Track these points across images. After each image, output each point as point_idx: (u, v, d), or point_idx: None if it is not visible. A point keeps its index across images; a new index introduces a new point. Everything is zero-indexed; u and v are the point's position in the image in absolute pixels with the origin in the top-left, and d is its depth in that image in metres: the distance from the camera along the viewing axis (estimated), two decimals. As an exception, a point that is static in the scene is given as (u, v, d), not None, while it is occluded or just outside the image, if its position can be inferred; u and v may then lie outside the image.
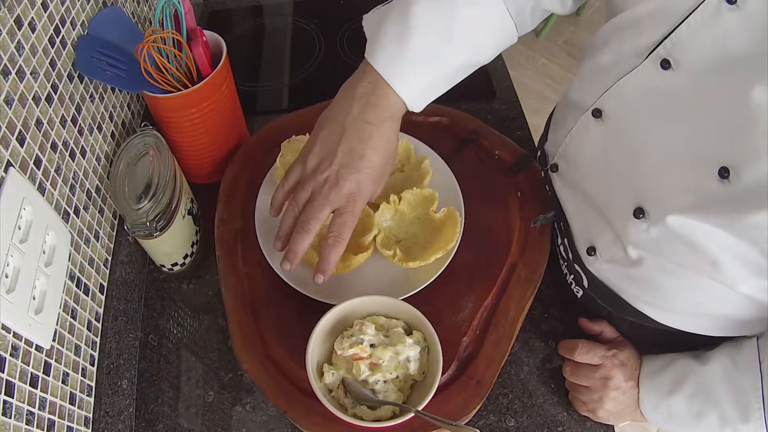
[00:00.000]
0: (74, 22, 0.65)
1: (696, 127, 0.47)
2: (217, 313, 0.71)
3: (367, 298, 0.59)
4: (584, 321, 0.68)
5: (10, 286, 0.48)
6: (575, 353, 0.64)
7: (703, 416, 0.56)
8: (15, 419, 0.46)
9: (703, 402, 0.57)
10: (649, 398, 0.60)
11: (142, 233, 0.65)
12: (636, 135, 0.53)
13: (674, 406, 0.58)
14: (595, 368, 0.63)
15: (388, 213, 0.70)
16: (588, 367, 0.64)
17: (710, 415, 0.56)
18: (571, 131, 0.62)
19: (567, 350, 0.66)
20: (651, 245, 0.54)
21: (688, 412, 0.57)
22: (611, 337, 0.67)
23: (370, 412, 0.55)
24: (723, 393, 0.55)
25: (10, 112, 0.51)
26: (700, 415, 0.57)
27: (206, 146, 0.77)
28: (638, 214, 0.53)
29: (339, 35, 1.06)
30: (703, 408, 0.57)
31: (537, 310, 0.70)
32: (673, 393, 0.58)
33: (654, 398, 0.60)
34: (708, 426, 0.57)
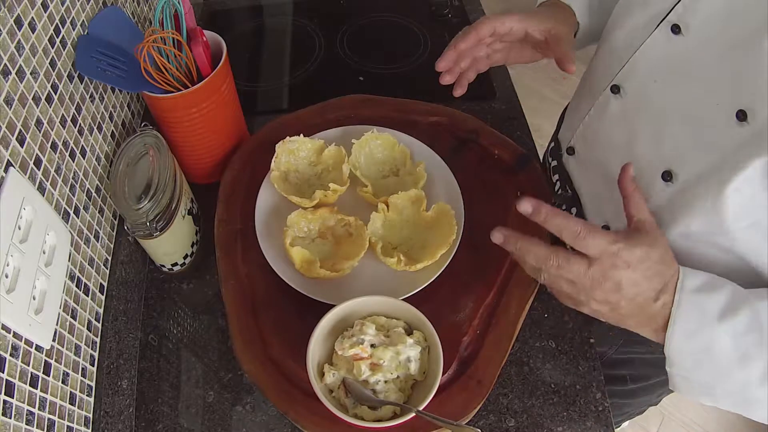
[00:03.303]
0: (74, 22, 0.65)
1: (711, 83, 0.49)
2: (217, 313, 0.71)
3: (367, 299, 0.59)
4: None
5: (10, 286, 0.48)
6: (567, 232, 0.49)
7: (748, 361, 0.47)
8: (15, 419, 0.46)
9: (754, 343, 0.47)
10: (687, 321, 0.49)
11: (142, 233, 0.65)
12: (657, 102, 0.55)
13: (718, 339, 0.48)
14: (588, 262, 0.50)
15: (378, 221, 0.70)
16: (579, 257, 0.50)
17: (758, 361, 0.47)
18: (589, 112, 0.64)
19: (557, 224, 0.50)
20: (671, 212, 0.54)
21: (732, 351, 0.48)
22: None
23: (371, 413, 0.55)
24: None
25: (10, 112, 0.51)
26: (745, 358, 0.47)
27: (206, 146, 0.77)
28: (666, 177, 0.54)
29: (339, 35, 1.06)
30: (751, 350, 0.47)
31: (537, 310, 0.70)
32: (723, 320, 0.48)
33: (695, 322, 0.48)
34: (749, 375, 0.47)
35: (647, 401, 0.94)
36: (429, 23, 1.07)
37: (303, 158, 0.76)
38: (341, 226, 0.71)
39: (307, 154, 0.77)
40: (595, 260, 0.49)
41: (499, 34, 0.66)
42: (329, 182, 0.71)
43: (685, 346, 0.49)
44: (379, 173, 0.77)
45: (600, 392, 0.64)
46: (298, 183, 0.75)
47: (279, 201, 0.73)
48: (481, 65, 0.71)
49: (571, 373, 0.66)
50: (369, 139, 0.76)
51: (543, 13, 0.67)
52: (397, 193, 0.70)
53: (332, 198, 0.71)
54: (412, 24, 1.08)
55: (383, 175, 0.77)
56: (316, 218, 0.70)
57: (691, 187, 0.53)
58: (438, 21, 1.08)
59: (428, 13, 1.09)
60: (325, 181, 0.73)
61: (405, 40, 1.05)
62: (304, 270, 0.65)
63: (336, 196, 0.71)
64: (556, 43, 0.64)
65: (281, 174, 0.74)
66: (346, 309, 0.59)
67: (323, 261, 0.67)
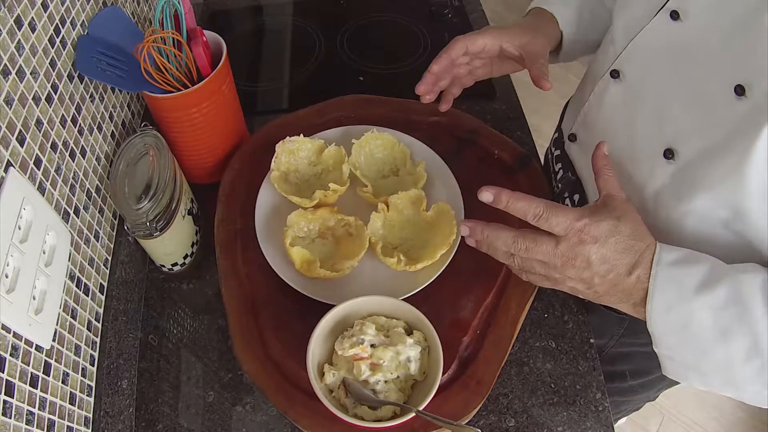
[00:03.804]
0: (74, 22, 0.65)
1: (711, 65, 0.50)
2: (217, 313, 0.71)
3: (367, 299, 0.59)
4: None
5: (10, 286, 0.48)
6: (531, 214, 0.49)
7: (729, 336, 0.46)
8: (15, 419, 0.46)
9: (735, 318, 0.46)
10: (664, 296, 0.48)
11: (142, 233, 0.65)
12: (656, 84, 0.56)
13: (697, 313, 0.46)
14: (555, 240, 0.50)
15: (378, 221, 0.70)
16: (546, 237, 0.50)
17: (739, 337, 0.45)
18: (589, 98, 0.66)
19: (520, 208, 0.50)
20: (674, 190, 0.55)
21: (712, 326, 0.46)
22: None
23: (371, 413, 0.55)
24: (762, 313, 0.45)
25: (10, 112, 0.51)
26: (726, 334, 0.46)
27: (206, 146, 0.77)
28: (668, 155, 0.54)
29: (339, 35, 1.06)
30: (732, 326, 0.46)
31: (537, 310, 0.70)
32: (700, 294, 0.46)
33: (672, 296, 0.48)
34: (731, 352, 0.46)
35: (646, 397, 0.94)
36: (429, 23, 1.07)
37: (303, 158, 0.76)
38: (341, 226, 0.71)
39: (307, 154, 0.77)
40: (562, 238, 0.49)
41: (473, 52, 0.68)
42: (329, 182, 0.71)
43: (665, 321, 0.48)
44: (379, 173, 0.77)
45: (600, 392, 0.64)
46: (298, 183, 0.75)
47: (279, 201, 0.73)
48: (465, 81, 0.74)
49: (571, 373, 0.66)
50: (369, 139, 0.76)
51: (521, 26, 0.69)
52: (397, 193, 0.70)
53: (332, 198, 0.71)
54: (412, 24, 1.08)
55: (383, 175, 0.77)
56: (316, 218, 0.70)
57: (694, 163, 0.53)
58: (438, 21, 1.08)
59: (428, 13, 1.09)
60: (325, 181, 0.73)
61: (405, 40, 1.05)
62: (304, 270, 0.65)
63: (336, 196, 0.71)
64: (530, 60, 0.65)
65: (281, 174, 0.74)
66: (346, 309, 0.59)
67: (323, 261, 0.67)
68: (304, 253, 0.66)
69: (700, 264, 0.48)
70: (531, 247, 0.51)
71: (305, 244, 0.69)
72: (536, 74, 0.64)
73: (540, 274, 0.53)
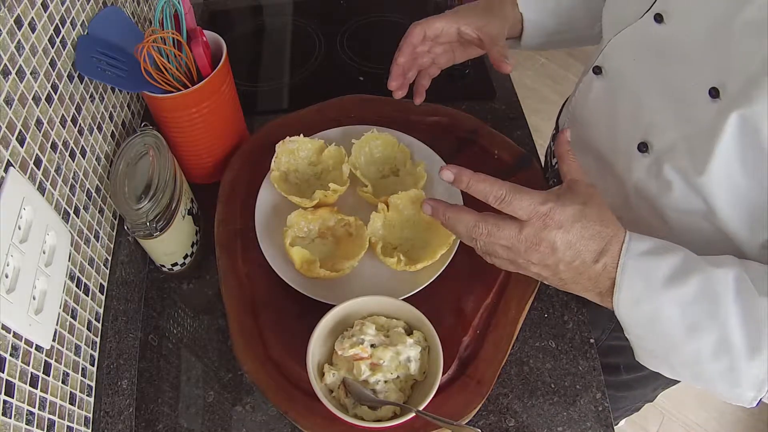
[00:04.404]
0: (74, 22, 0.65)
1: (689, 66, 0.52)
2: (217, 313, 0.71)
3: (367, 299, 0.59)
4: None
5: (10, 286, 0.48)
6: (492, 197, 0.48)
7: (697, 332, 0.44)
8: (15, 419, 0.46)
9: (704, 313, 0.44)
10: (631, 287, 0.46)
11: (142, 233, 0.65)
12: (635, 79, 0.58)
13: (666, 307, 0.45)
14: (519, 225, 0.48)
15: (379, 221, 0.70)
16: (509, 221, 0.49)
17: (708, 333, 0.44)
18: (575, 93, 0.67)
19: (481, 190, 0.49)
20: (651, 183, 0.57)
21: (680, 321, 0.45)
22: None
23: (371, 413, 0.55)
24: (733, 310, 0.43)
25: (10, 112, 0.51)
26: (694, 329, 0.44)
27: (206, 146, 0.77)
28: (642, 147, 0.57)
29: (339, 35, 1.06)
30: (701, 321, 0.44)
31: (537, 310, 0.70)
32: (669, 287, 0.45)
33: (639, 289, 0.46)
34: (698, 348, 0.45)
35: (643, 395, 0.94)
36: (429, 23, 1.07)
37: (303, 158, 0.76)
38: (341, 226, 0.71)
39: (307, 154, 0.77)
40: (526, 223, 0.48)
41: (431, 37, 0.68)
42: (329, 182, 0.71)
43: (633, 313, 0.47)
44: (379, 173, 0.77)
45: (600, 392, 0.64)
46: (298, 183, 0.75)
47: (279, 201, 0.73)
48: (431, 71, 0.74)
49: (571, 373, 0.66)
50: (369, 139, 0.76)
51: (477, 7, 0.68)
52: (397, 193, 0.70)
53: (332, 198, 0.71)
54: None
55: (383, 175, 0.77)
56: (316, 218, 0.70)
57: (667, 156, 0.55)
58: (438, 21, 1.08)
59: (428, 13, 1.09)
60: (325, 181, 0.73)
61: (405, 40, 1.05)
62: (304, 270, 0.65)
63: (336, 196, 0.71)
64: (490, 42, 0.65)
65: (281, 174, 0.74)
66: (346, 309, 0.59)
67: (323, 261, 0.67)
68: (304, 253, 0.66)
69: (670, 256, 0.47)
70: (493, 231, 0.49)
71: (305, 244, 0.69)
72: (496, 57, 0.63)
73: (504, 258, 0.51)
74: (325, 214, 0.70)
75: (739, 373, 0.44)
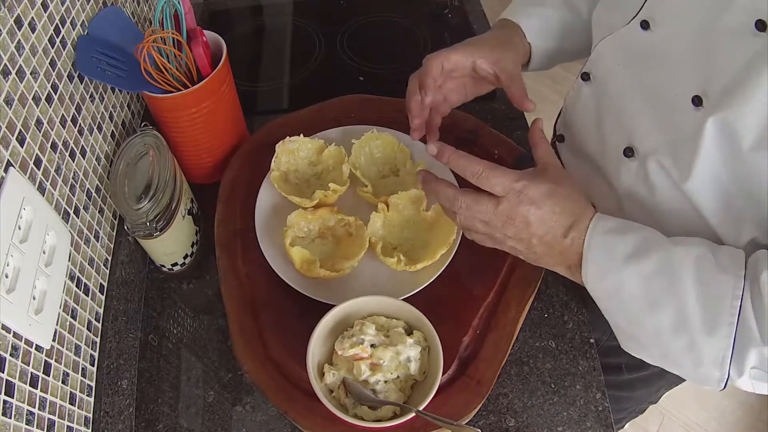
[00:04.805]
0: (74, 22, 0.65)
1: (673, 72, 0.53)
2: (217, 313, 0.71)
3: (367, 299, 0.59)
4: None
5: (10, 286, 0.48)
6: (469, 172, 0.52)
7: (657, 307, 0.46)
8: (15, 419, 0.46)
9: (663, 288, 0.46)
10: (596, 262, 0.49)
11: (142, 233, 0.65)
12: (620, 84, 0.59)
13: (628, 281, 0.47)
14: (496, 201, 0.52)
15: (379, 221, 0.70)
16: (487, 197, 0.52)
17: (667, 308, 0.46)
18: (566, 100, 0.68)
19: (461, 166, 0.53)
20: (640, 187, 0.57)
21: (642, 295, 0.47)
22: None
23: (371, 413, 0.55)
24: (691, 286, 0.45)
25: (10, 112, 0.51)
26: (654, 304, 0.46)
27: (206, 146, 0.77)
28: (628, 152, 0.57)
29: (339, 35, 1.06)
30: (660, 296, 0.46)
31: (537, 310, 0.70)
32: (630, 262, 0.47)
33: (603, 264, 0.49)
34: (659, 323, 0.46)
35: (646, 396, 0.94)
36: (429, 23, 1.07)
37: (303, 158, 0.76)
38: (341, 226, 0.71)
39: (307, 154, 0.77)
40: (502, 198, 0.51)
41: (447, 70, 0.66)
42: (329, 182, 0.71)
43: (600, 287, 0.49)
44: (379, 173, 0.77)
45: (600, 392, 0.64)
46: (298, 183, 0.75)
47: (279, 201, 0.73)
48: (443, 108, 0.71)
49: (571, 373, 0.66)
50: (369, 139, 0.76)
51: (492, 40, 0.67)
52: (397, 193, 0.70)
53: (332, 198, 0.71)
54: (412, 24, 1.08)
55: (383, 175, 0.77)
56: (316, 218, 0.70)
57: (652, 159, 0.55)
58: (438, 21, 1.08)
59: (428, 13, 1.09)
60: (325, 181, 0.73)
61: (405, 40, 1.05)
62: (304, 270, 0.65)
63: (336, 196, 0.71)
64: (507, 79, 0.64)
65: (281, 174, 0.74)
66: (346, 309, 0.59)
67: (323, 261, 0.67)
68: (304, 253, 0.66)
69: (633, 233, 0.49)
70: (471, 205, 0.53)
71: (305, 244, 0.69)
72: (516, 95, 0.63)
73: (482, 233, 0.55)
74: (325, 214, 0.70)
75: (701, 351, 0.45)
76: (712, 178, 0.50)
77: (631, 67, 0.58)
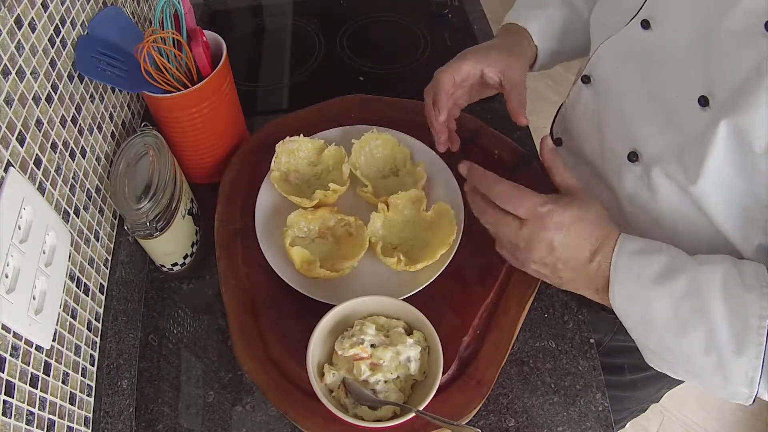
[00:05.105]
0: (74, 22, 0.65)
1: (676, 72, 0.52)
2: (217, 313, 0.71)
3: (367, 299, 0.59)
4: None
5: (10, 286, 0.48)
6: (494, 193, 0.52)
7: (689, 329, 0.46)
8: (15, 419, 0.46)
9: (693, 310, 0.45)
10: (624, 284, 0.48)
11: (142, 233, 0.65)
12: (622, 87, 0.58)
13: (657, 303, 0.47)
14: (519, 223, 0.52)
15: (378, 221, 0.70)
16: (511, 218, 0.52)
17: (698, 329, 0.45)
18: (565, 103, 0.67)
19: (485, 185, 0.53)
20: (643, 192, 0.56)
21: (671, 317, 0.46)
22: None
23: (371, 413, 0.55)
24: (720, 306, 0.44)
25: (10, 112, 0.51)
26: (686, 326, 0.46)
27: (206, 146, 0.77)
28: (632, 157, 0.56)
29: (339, 35, 1.06)
30: (691, 318, 0.45)
31: (537, 310, 0.70)
32: (658, 284, 0.47)
33: (631, 286, 0.48)
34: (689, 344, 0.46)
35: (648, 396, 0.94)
36: (429, 23, 1.07)
37: (303, 158, 0.76)
38: (341, 226, 0.71)
39: (307, 154, 0.77)
40: (526, 222, 0.51)
41: (458, 82, 0.67)
42: (329, 182, 0.71)
43: (628, 309, 0.49)
44: (379, 173, 0.77)
45: (600, 392, 0.64)
46: (298, 183, 0.75)
47: (279, 201, 0.73)
48: (454, 112, 0.73)
49: (571, 373, 0.66)
50: (369, 139, 0.76)
51: (499, 47, 0.67)
52: (397, 193, 0.70)
53: (332, 198, 0.71)
54: (412, 24, 1.08)
55: (383, 175, 0.77)
56: (316, 218, 0.70)
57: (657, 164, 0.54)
58: (438, 21, 1.08)
59: (428, 13, 1.09)
60: (325, 181, 0.73)
61: (405, 40, 1.05)
62: (304, 270, 0.65)
63: (336, 196, 0.71)
64: (510, 90, 0.65)
65: (281, 174, 0.74)
66: (346, 309, 0.59)
67: (323, 261, 0.67)
68: (304, 253, 0.66)
69: (660, 254, 0.49)
70: (494, 224, 0.54)
71: (305, 244, 0.69)
72: (514, 108, 0.64)
73: (507, 249, 0.55)
74: (325, 214, 0.70)
75: (729, 369, 0.45)
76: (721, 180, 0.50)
77: (633, 69, 0.57)
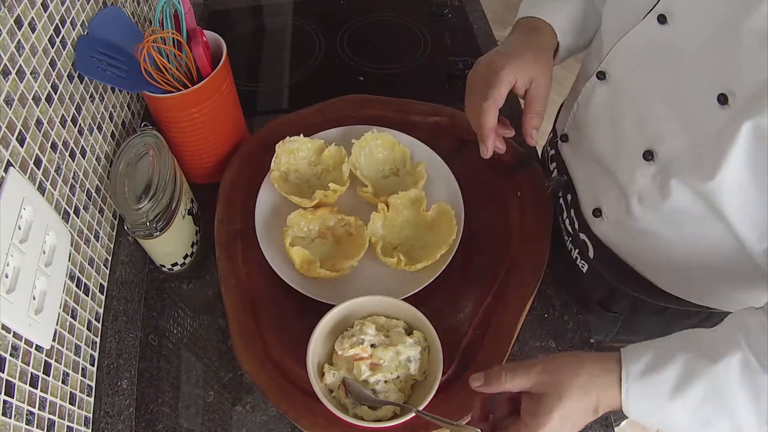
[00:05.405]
0: (74, 22, 0.65)
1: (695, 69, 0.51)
2: (217, 313, 0.71)
3: (367, 299, 0.59)
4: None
5: (10, 286, 0.48)
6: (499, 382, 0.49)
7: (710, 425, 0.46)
8: (15, 419, 0.46)
9: (715, 411, 0.46)
10: (639, 406, 0.48)
11: (142, 233, 0.65)
12: (639, 85, 0.57)
13: (677, 414, 0.47)
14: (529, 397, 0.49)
15: (378, 221, 0.70)
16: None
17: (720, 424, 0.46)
18: (578, 98, 0.66)
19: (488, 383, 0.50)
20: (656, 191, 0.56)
21: (691, 423, 0.47)
22: None
23: (371, 413, 0.55)
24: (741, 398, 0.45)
25: (10, 112, 0.51)
26: (706, 425, 0.46)
27: (206, 146, 0.77)
28: (647, 156, 0.56)
29: (339, 35, 1.06)
30: (713, 417, 0.46)
31: (537, 310, 0.70)
32: (676, 397, 0.46)
33: (647, 406, 0.48)
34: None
35: None
36: (429, 23, 1.07)
37: (303, 158, 0.76)
38: (341, 226, 0.71)
39: (307, 154, 0.77)
40: None
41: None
42: (329, 182, 0.71)
43: (647, 420, 0.49)
44: (379, 173, 0.77)
45: (600, 392, 0.64)
46: (298, 183, 0.75)
47: (279, 201, 0.73)
48: None
49: (571, 373, 0.65)
50: (369, 139, 0.76)
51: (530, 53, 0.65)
52: (397, 193, 0.70)
53: (332, 198, 0.71)
54: (412, 24, 1.08)
55: (383, 175, 0.77)
56: (316, 218, 0.70)
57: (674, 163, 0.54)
58: (438, 21, 1.08)
59: (428, 13, 1.09)
60: (325, 181, 0.73)
61: (405, 40, 1.05)
62: (304, 270, 0.65)
63: (336, 196, 0.71)
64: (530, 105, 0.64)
65: (281, 174, 0.74)
66: (346, 309, 0.59)
67: (323, 261, 0.67)
68: (304, 253, 0.66)
69: (671, 364, 0.47)
70: None
71: (305, 244, 0.69)
72: (526, 127, 0.64)
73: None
74: (325, 214, 0.70)
75: None
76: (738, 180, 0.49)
77: (650, 66, 0.56)
